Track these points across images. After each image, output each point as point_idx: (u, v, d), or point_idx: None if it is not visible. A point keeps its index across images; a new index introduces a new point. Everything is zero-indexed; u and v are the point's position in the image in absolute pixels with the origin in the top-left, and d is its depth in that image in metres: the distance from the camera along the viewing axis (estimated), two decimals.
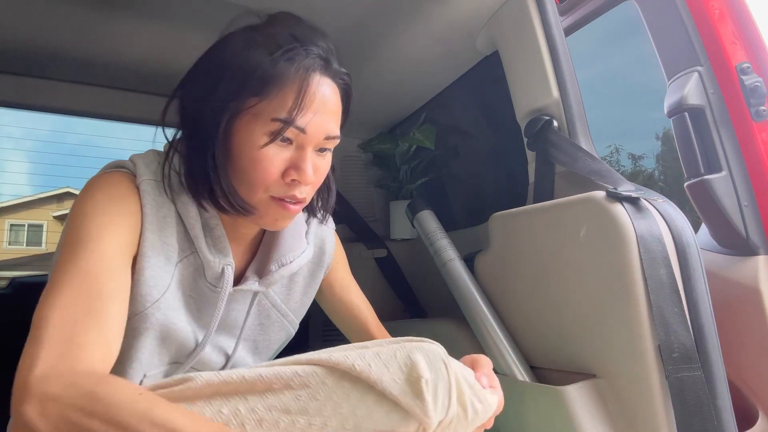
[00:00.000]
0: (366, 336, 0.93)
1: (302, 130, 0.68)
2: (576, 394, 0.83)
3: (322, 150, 0.73)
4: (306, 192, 0.72)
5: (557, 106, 1.05)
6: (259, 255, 0.82)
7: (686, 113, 0.95)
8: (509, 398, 0.98)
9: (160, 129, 0.75)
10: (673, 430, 0.75)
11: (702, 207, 0.96)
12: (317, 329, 1.80)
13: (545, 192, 1.07)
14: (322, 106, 0.70)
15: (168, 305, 0.70)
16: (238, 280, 0.78)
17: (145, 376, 0.71)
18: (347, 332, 0.97)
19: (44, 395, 0.51)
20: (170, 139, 0.75)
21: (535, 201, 1.08)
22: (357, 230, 1.78)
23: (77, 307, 0.58)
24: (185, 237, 0.74)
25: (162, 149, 0.76)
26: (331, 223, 0.93)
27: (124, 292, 0.64)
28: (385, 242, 1.72)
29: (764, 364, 0.87)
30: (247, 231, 0.80)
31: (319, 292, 0.93)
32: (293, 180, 0.69)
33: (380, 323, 0.96)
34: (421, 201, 1.31)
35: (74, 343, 0.55)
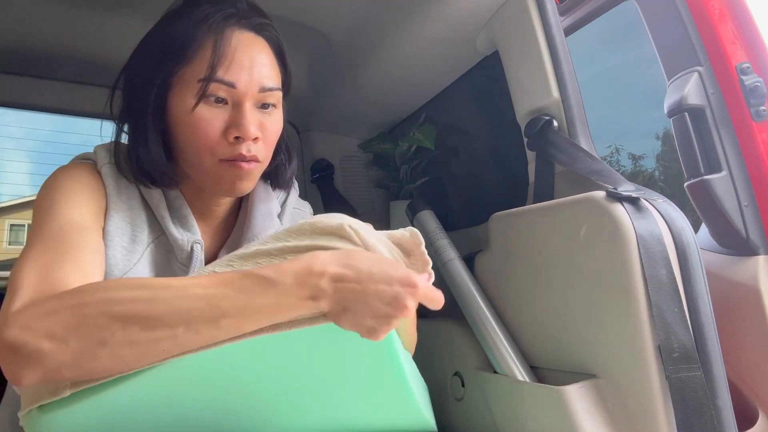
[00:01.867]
0: None
1: (230, 84, 0.68)
2: (576, 394, 0.83)
3: (264, 106, 0.72)
4: (256, 150, 0.71)
5: (557, 106, 1.05)
6: (233, 235, 0.82)
7: (686, 113, 0.95)
8: (509, 398, 0.98)
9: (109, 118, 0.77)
10: (673, 430, 0.75)
11: (702, 207, 0.96)
12: None
13: (545, 192, 1.07)
14: (248, 58, 0.69)
15: None
16: (213, 260, 0.78)
17: None
18: None
19: (24, 318, 0.51)
20: (118, 125, 0.76)
21: (535, 201, 1.08)
22: None
23: (48, 255, 0.60)
24: (154, 219, 0.74)
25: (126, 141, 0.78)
26: (307, 207, 0.93)
27: (97, 243, 0.65)
28: None
29: (764, 364, 0.87)
30: (217, 208, 0.80)
31: None
32: (236, 137, 0.69)
33: None
34: (421, 201, 1.31)
35: (51, 279, 0.57)
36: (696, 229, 0.92)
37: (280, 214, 0.85)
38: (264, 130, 0.72)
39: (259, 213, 0.81)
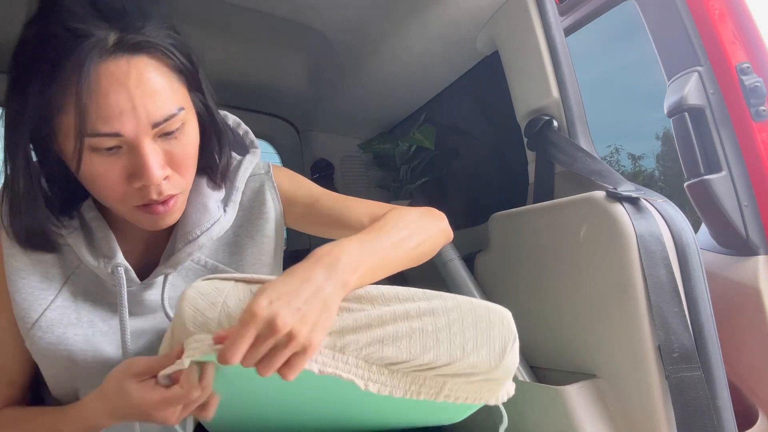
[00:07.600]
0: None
1: (113, 135, 0.56)
2: (576, 394, 0.83)
3: (167, 134, 0.60)
4: (169, 187, 0.62)
5: (557, 106, 1.05)
6: (172, 238, 0.73)
7: (686, 113, 0.95)
8: (509, 398, 0.98)
9: None
10: (673, 430, 0.75)
11: (702, 207, 0.96)
12: None
13: (545, 192, 1.07)
14: (126, 98, 0.56)
15: (55, 322, 0.65)
16: (148, 274, 0.72)
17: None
18: None
19: None
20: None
21: (535, 201, 1.08)
22: None
23: None
24: (69, 249, 0.68)
25: None
26: (262, 168, 0.80)
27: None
28: None
29: (764, 364, 0.87)
30: None
31: (306, 228, 0.82)
32: (143, 185, 0.60)
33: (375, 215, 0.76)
34: (421, 201, 1.31)
35: None
36: (696, 229, 0.92)
37: (225, 198, 0.75)
38: (173, 162, 0.62)
39: (192, 210, 0.71)
